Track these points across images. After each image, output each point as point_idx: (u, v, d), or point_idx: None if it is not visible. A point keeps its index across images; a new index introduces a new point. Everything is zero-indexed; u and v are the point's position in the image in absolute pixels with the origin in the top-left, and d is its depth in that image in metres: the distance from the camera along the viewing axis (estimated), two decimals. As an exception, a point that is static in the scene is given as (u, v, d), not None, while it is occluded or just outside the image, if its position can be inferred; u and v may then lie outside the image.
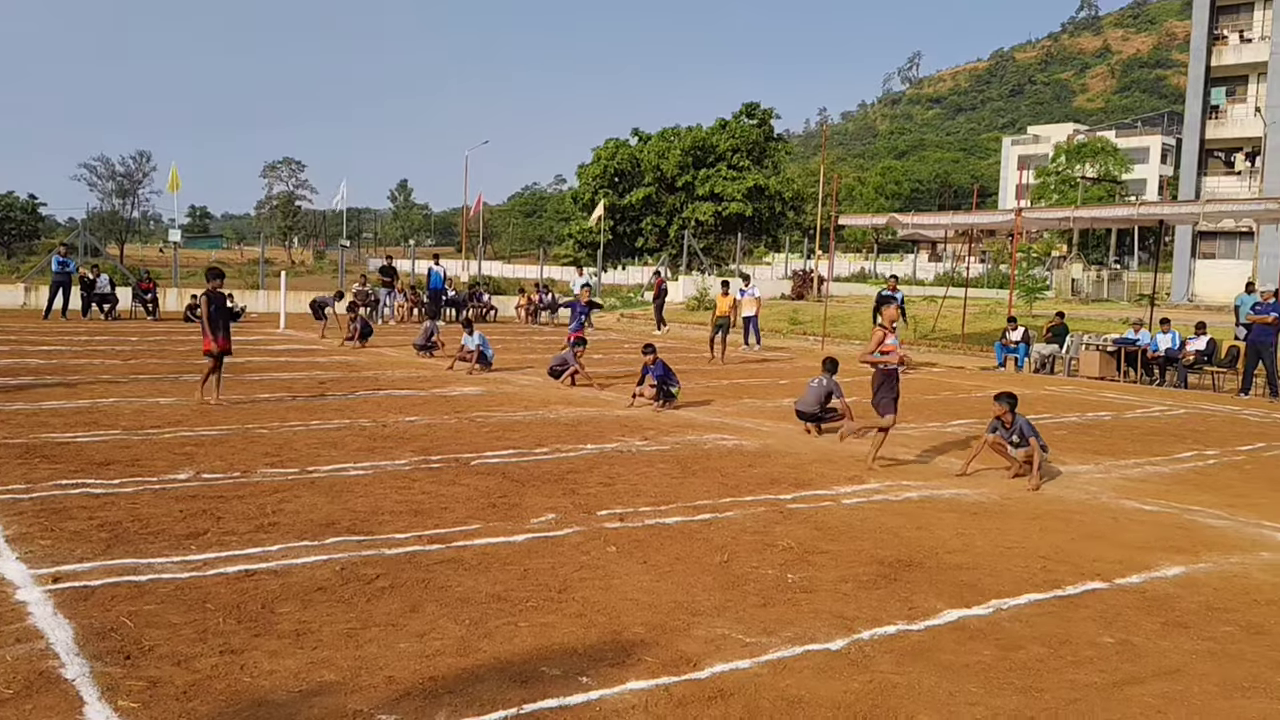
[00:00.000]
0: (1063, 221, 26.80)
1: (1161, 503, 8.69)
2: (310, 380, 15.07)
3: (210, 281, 12.39)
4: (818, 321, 27.71)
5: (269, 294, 32.51)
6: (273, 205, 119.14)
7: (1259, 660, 5.09)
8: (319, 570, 5.92)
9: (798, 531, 7.25)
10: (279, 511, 7.21)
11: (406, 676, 4.46)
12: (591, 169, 62.07)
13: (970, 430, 12.41)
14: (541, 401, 13.65)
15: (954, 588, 6.07)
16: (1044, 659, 4.99)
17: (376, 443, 10.10)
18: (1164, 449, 11.61)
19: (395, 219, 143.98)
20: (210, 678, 4.38)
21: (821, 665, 4.80)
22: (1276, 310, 17.10)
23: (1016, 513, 8.15)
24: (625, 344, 24.39)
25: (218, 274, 12.55)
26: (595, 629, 5.15)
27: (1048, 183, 64.51)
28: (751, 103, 61.63)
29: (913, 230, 29.43)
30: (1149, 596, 6.07)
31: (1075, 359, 20.47)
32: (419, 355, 19.33)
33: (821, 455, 10.37)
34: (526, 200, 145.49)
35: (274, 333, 24.23)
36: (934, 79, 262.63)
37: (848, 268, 66.35)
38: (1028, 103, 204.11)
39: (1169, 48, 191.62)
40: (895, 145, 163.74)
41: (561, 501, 7.87)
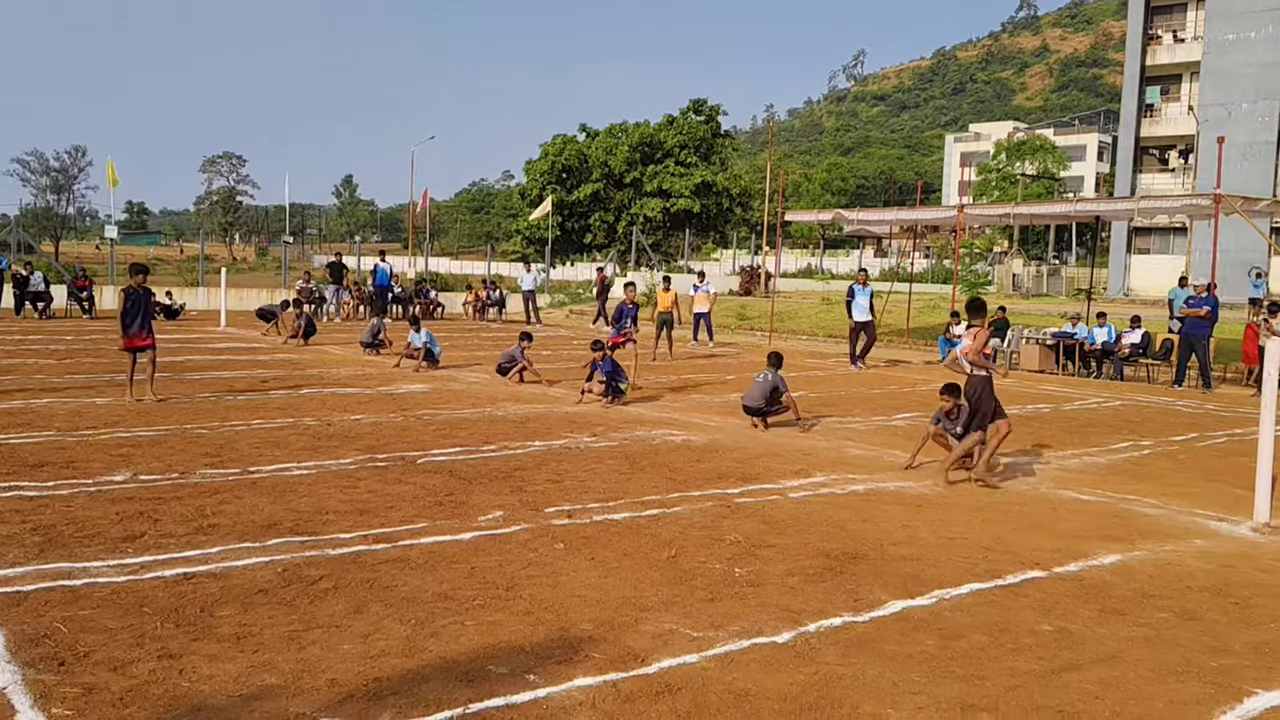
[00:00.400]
0: (1003, 218, 27.26)
1: (1098, 492, 8.89)
2: (252, 379, 14.82)
3: (134, 277, 12.33)
4: (765, 317, 27.89)
5: (209, 291, 31.92)
6: (213, 201, 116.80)
7: (1192, 645, 5.23)
8: (260, 572, 5.82)
9: (745, 526, 7.29)
10: (219, 513, 7.08)
11: (350, 678, 4.40)
12: (539, 165, 61.89)
13: (915, 423, 12.58)
14: (489, 399, 13.57)
15: (898, 579, 6.15)
16: (985, 647, 5.07)
17: (321, 441, 9.96)
18: (1101, 440, 11.87)
19: (340, 215, 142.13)
20: (147, 683, 4.29)
21: (768, 658, 4.83)
22: (1209, 304, 17.56)
23: (959, 504, 8.28)
24: (574, 340, 24.34)
25: (141, 269, 12.58)
26: (543, 626, 5.13)
27: (989, 180, 65.64)
28: (699, 99, 61.89)
29: (858, 226, 29.79)
30: (1086, 584, 6.20)
31: (1016, 353, 20.86)
32: (365, 353, 19.11)
33: (768, 449, 10.44)
34: (474, 197, 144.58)
35: (214, 331, 23.79)
36: (878, 77, 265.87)
37: (795, 264, 66.88)
38: (969, 101, 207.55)
39: (1105, 47, 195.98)
40: (841, 142, 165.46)
41: (509, 499, 7.83)
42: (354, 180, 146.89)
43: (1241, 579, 6.43)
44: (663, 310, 20.58)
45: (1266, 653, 5.14)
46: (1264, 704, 4.51)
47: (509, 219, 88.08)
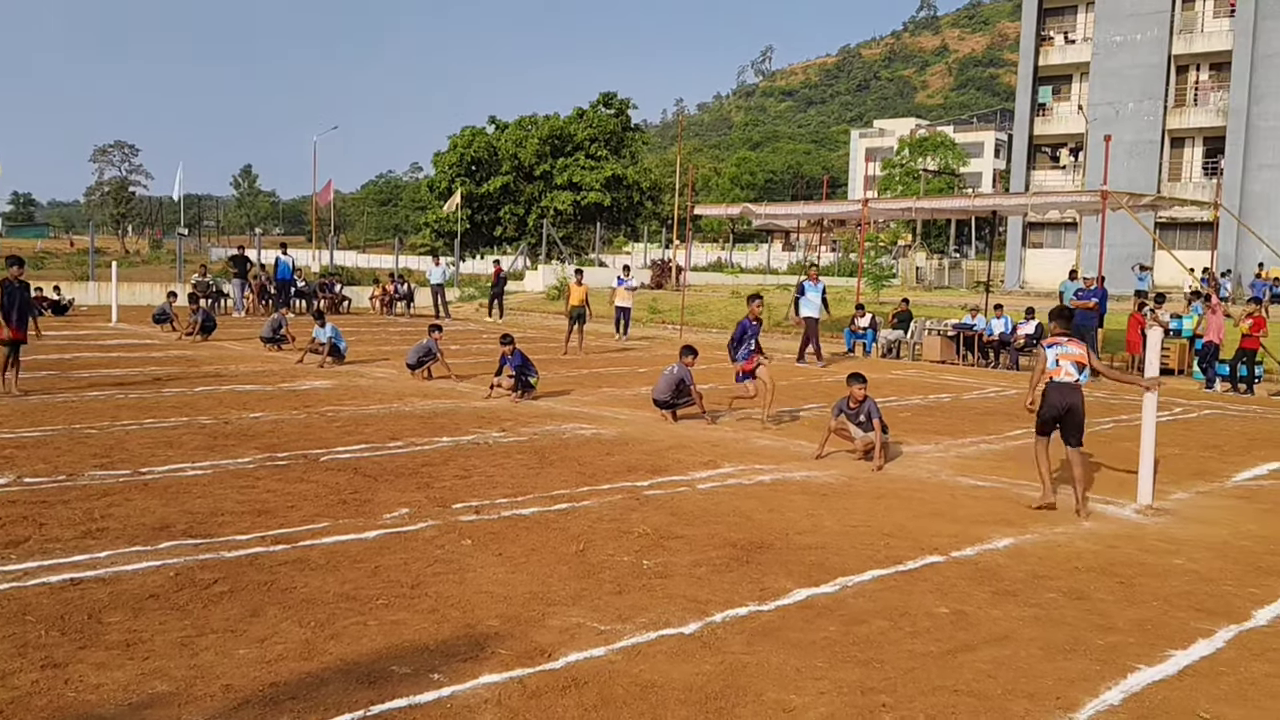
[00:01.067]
0: (906, 212, 27.92)
1: (994, 478, 9.18)
2: (145, 376, 14.29)
3: (9, 269, 12.30)
4: (676, 310, 28.06)
5: (99, 285, 30.65)
6: (104, 192, 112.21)
7: (1080, 624, 5.43)
8: (151, 577, 5.62)
9: (654, 518, 7.32)
10: (108, 516, 6.81)
11: (246, 684, 4.28)
12: (448, 157, 61.06)
13: (821, 414, 12.80)
14: (396, 394, 13.34)
15: (803, 567, 6.25)
16: (885, 631, 5.19)
17: (217, 440, 9.67)
18: (997, 428, 12.26)
19: (239, 206, 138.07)
20: (30, 694, 4.11)
21: (675, 649, 4.86)
22: (1097, 296, 18.30)
23: (862, 493, 8.46)
24: (483, 334, 24.10)
25: (16, 261, 12.57)
26: (448, 624, 5.07)
27: (893, 175, 67.16)
28: (609, 93, 61.84)
29: (766, 220, 30.15)
30: (981, 568, 6.40)
31: (919, 344, 21.41)
32: (266, 348, 18.60)
33: (678, 441, 10.50)
34: (381, 189, 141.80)
35: (105, 327, 22.87)
36: (786, 72, 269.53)
37: (705, 257, 67.36)
38: (873, 97, 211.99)
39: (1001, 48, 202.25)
40: (750, 136, 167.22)
41: (415, 496, 7.71)
42: (253, 170, 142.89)
43: (1126, 559, 6.72)
44: (575, 304, 20.52)
45: (1149, 629, 5.38)
46: (1146, 679, 4.71)
47: (417, 211, 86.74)
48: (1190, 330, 19.16)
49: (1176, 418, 13.59)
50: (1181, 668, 4.87)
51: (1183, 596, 5.96)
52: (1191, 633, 5.35)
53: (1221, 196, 27.04)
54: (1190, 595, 5.99)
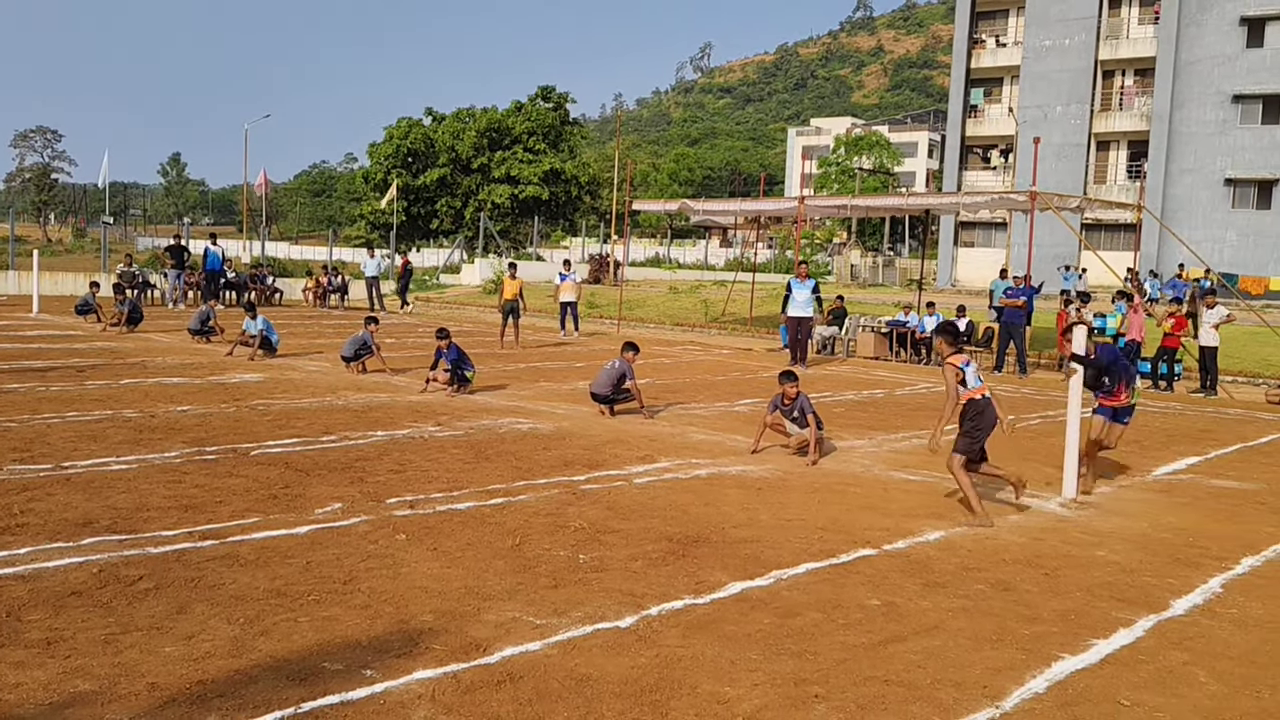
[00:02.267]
0: (841, 209, 28.28)
1: (925, 473, 9.35)
2: (68, 368, 13.86)
3: None
4: (614, 305, 28.06)
5: (20, 275, 29.65)
6: (25, 178, 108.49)
7: (1006, 614, 5.57)
8: (73, 573, 5.46)
9: (590, 512, 7.32)
10: (28, 511, 6.60)
11: (171, 682, 4.18)
12: (384, 148, 60.20)
13: (756, 409, 12.91)
14: (329, 388, 13.14)
15: (738, 561, 6.30)
16: (818, 624, 5.26)
17: (143, 434, 9.42)
18: (929, 423, 12.44)
19: (167, 195, 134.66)
20: (-58, 697, 3.96)
21: (611, 643, 4.86)
22: (1025, 295, 18.72)
23: (797, 487, 8.56)
24: (419, 328, 23.84)
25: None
26: (382, 620, 5.02)
27: (829, 173, 68.06)
28: (547, 86, 61.53)
29: (704, 216, 30.27)
30: (912, 560, 6.52)
31: (853, 340, 21.70)
32: (194, 340, 18.17)
33: (615, 436, 10.51)
34: (315, 179, 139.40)
35: (26, 317, 22.13)
36: (724, 69, 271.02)
37: (643, 253, 67.52)
38: (810, 96, 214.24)
39: (935, 49, 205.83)
40: (688, 133, 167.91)
41: (349, 490, 7.61)
42: (181, 159, 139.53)
43: (1051, 551, 6.90)
44: (508, 298, 20.39)
45: (1072, 620, 5.53)
46: (1070, 668, 4.85)
47: (352, 203, 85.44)
48: (1114, 329, 19.72)
49: (1100, 414, 13.96)
50: (1103, 656, 5.01)
51: (1105, 587, 6.14)
52: (1113, 622, 5.51)
53: (1144, 199, 27.87)
54: (1112, 586, 6.17)
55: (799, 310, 18.23)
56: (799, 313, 18.24)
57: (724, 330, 25.99)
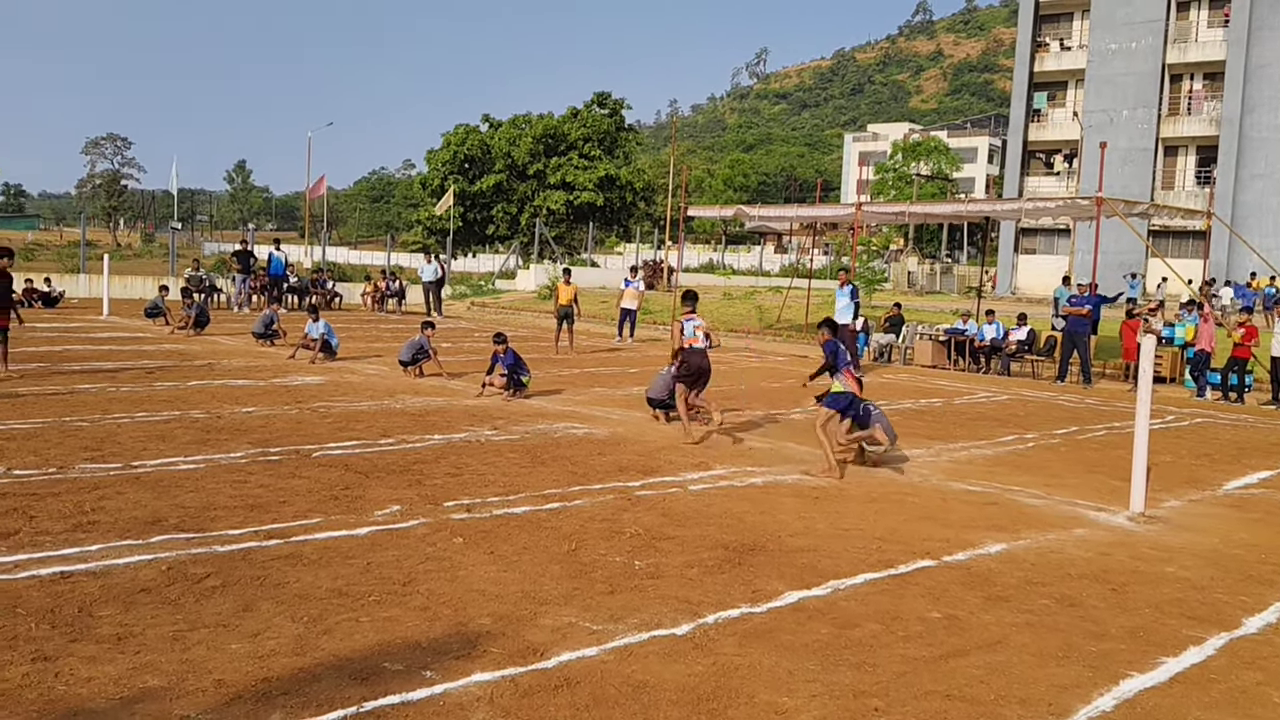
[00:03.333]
0: (899, 216, 27.98)
1: (986, 483, 9.20)
2: (137, 370, 14.23)
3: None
4: (667, 311, 28.05)
5: (91, 278, 30.51)
6: (96, 184, 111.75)
7: (1072, 630, 5.45)
8: (143, 570, 5.60)
9: (645, 518, 7.31)
10: (99, 509, 6.77)
11: (238, 679, 4.26)
12: (441, 155, 60.95)
13: (812, 417, 12.81)
14: (387, 391, 13.31)
15: (795, 570, 6.25)
16: (877, 635, 5.20)
17: (209, 435, 9.63)
18: (988, 433, 12.29)
19: (233, 201, 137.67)
20: (21, 687, 4.08)
21: (667, 650, 4.85)
22: (1090, 303, 18.35)
23: (854, 496, 8.47)
24: (475, 332, 24.06)
25: (6, 253, 12.80)
26: (440, 622, 5.06)
27: (886, 179, 67.33)
28: (603, 92, 61.84)
29: (759, 222, 30.20)
30: (973, 573, 6.41)
31: (910, 348, 21.45)
32: (258, 344, 18.54)
33: (670, 442, 10.50)
34: (374, 185, 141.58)
35: (97, 320, 22.76)
36: (780, 75, 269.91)
37: (697, 258, 67.41)
38: (868, 101, 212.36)
39: (996, 53, 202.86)
40: (743, 139, 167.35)
41: (407, 493, 7.69)
42: (247, 166, 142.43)
43: (1118, 566, 6.74)
44: (563, 304, 20.47)
45: (1141, 637, 5.40)
46: (1138, 686, 4.73)
47: (410, 209, 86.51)
48: (1183, 339, 19.25)
49: (1169, 426, 13.64)
50: (1173, 675, 4.88)
51: (1174, 604, 5.98)
52: (1183, 640, 5.37)
53: (1214, 205, 27.16)
54: (1182, 603, 6.01)
55: (839, 318, 17.83)
56: (839, 320, 17.66)
57: (779, 337, 25.85)
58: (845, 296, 18.12)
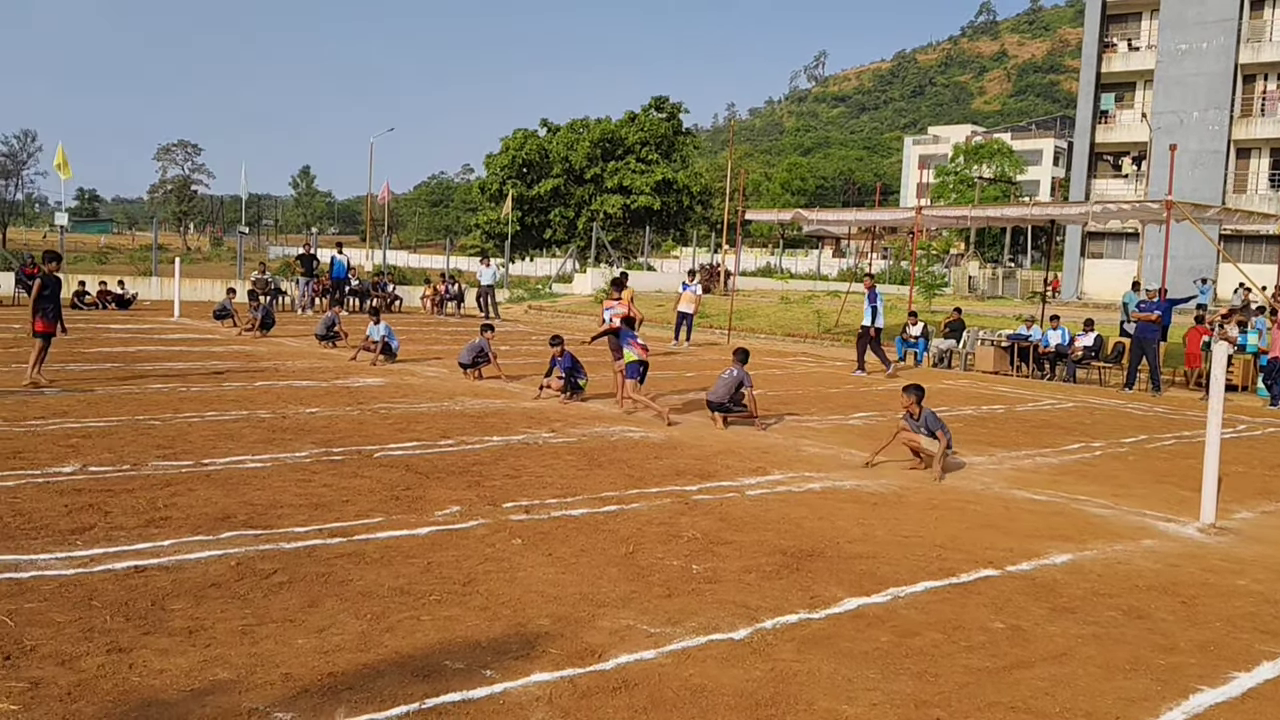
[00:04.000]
0: (960, 220, 27.62)
1: (1050, 492, 9.03)
2: (206, 370, 14.59)
3: (47, 264, 12.58)
4: (724, 315, 28.00)
5: (162, 281, 31.36)
6: (167, 189, 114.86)
7: (1140, 643, 5.33)
8: (213, 565, 5.74)
9: (703, 522, 7.31)
10: (171, 505, 6.96)
11: (304, 673, 4.35)
12: (499, 159, 61.47)
13: (871, 423, 12.71)
14: (447, 393, 13.48)
15: (854, 576, 6.20)
16: (938, 644, 5.13)
17: (275, 434, 9.84)
18: (1053, 441, 12.06)
19: (297, 206, 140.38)
20: (96, 678, 4.21)
21: (725, 654, 4.85)
22: (1159, 308, 17.92)
23: (914, 503, 8.37)
24: (532, 335, 24.25)
25: (54, 257, 12.86)
26: (500, 622, 5.11)
27: (947, 182, 66.40)
28: (660, 96, 61.82)
29: (817, 226, 30.00)
30: (1038, 583, 6.30)
31: (971, 354, 21.13)
32: (320, 345, 18.89)
33: (727, 447, 10.48)
34: (433, 189, 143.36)
35: (168, 321, 23.38)
36: (839, 78, 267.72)
37: (754, 262, 67.18)
38: (928, 103, 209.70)
39: (1062, 54, 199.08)
40: (801, 142, 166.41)
41: (466, 494, 7.78)
42: (311, 171, 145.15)
43: (1188, 578, 6.57)
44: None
45: (1212, 651, 5.26)
46: (1208, 700, 4.61)
47: (468, 213, 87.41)
48: (1255, 346, 18.70)
49: (1241, 435, 13.26)
50: (1246, 690, 4.75)
51: (1247, 618, 5.82)
52: (1256, 655, 5.22)
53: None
54: (1255, 617, 5.84)
55: (864, 320, 19.43)
56: (864, 322, 19.46)
57: (837, 342, 25.64)
58: (865, 300, 19.34)
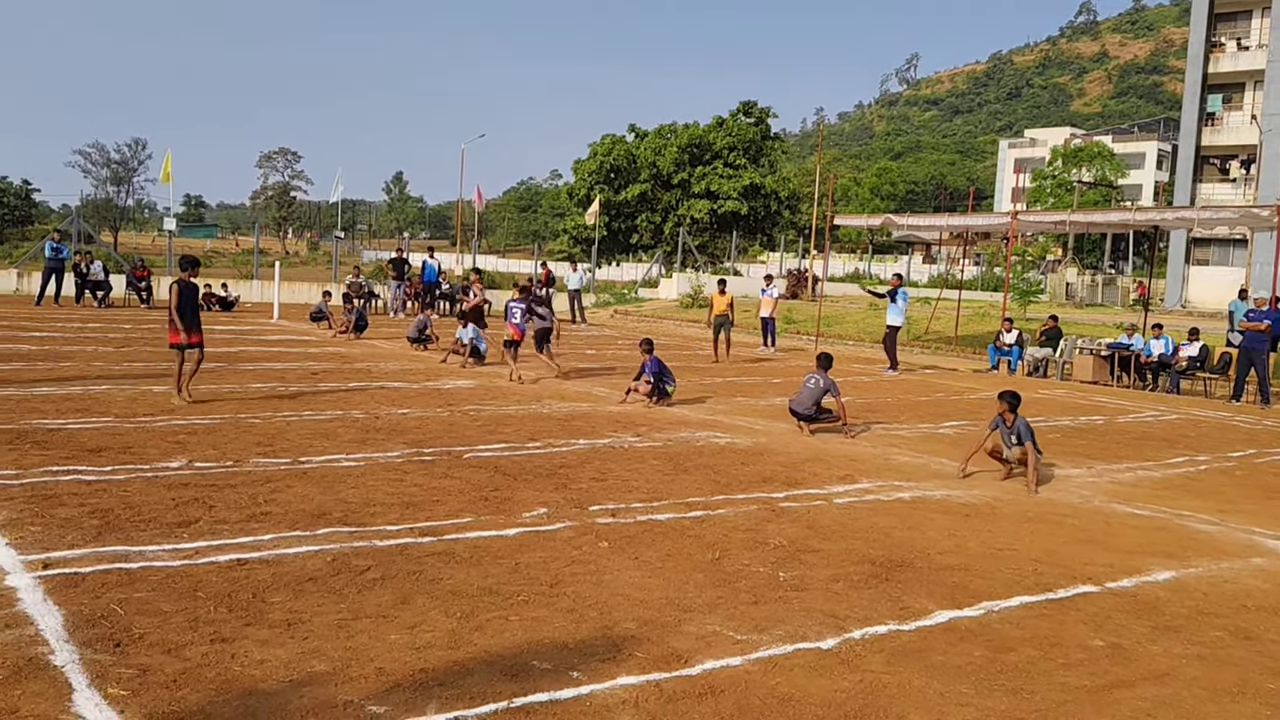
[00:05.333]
0: (1058, 225, 26.84)
1: (1153, 507, 8.71)
2: (303, 371, 15.03)
3: (183, 271, 11.66)
4: (811, 321, 27.73)
5: (263, 284, 32.43)
6: (268, 195, 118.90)
7: (1248, 665, 5.10)
8: (310, 560, 5.91)
9: (789, 530, 7.25)
10: (271, 501, 7.19)
11: (397, 668, 4.45)
12: (588, 165, 62.04)
13: (962, 432, 12.44)
14: (534, 396, 13.63)
15: (945, 589, 6.07)
16: (1035, 661, 4.99)
17: (369, 434, 10.08)
18: (1156, 454, 11.64)
19: (390, 211, 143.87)
20: (200, 666, 4.37)
21: (812, 664, 4.80)
22: (1269, 318, 17.15)
23: (1008, 515, 8.16)
24: (618, 340, 24.37)
25: (192, 263, 11.80)
26: (586, 624, 5.15)
27: (1044, 186, 64.60)
28: (749, 101, 61.68)
29: (908, 232, 29.47)
30: (1140, 600, 6.09)
31: (1069, 363, 20.52)
32: (412, 348, 19.30)
33: (814, 454, 10.37)
34: (522, 195, 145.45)
35: (267, 323, 24.17)
36: (932, 80, 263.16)
37: (842, 268, 66.44)
38: (1025, 106, 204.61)
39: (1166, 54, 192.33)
40: (891, 146, 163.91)
41: (553, 496, 7.86)
42: (404, 177, 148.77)
43: (1301, 600, 6.27)
44: (718, 313, 20.45)
45: (1327, 676, 5.00)
46: (1324, 729, 4.39)
47: (556, 218, 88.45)
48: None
49: (1358, 451, 12.59)
50: (1366, 720, 4.51)
51: (1367, 644, 5.52)
52: (1377, 683, 4.95)
53: None
54: (1375, 643, 5.54)
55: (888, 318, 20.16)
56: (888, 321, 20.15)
57: (927, 349, 25.17)
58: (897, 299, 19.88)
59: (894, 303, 19.91)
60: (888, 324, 20.10)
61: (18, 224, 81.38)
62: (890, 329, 20.03)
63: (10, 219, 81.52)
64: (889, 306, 20.09)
